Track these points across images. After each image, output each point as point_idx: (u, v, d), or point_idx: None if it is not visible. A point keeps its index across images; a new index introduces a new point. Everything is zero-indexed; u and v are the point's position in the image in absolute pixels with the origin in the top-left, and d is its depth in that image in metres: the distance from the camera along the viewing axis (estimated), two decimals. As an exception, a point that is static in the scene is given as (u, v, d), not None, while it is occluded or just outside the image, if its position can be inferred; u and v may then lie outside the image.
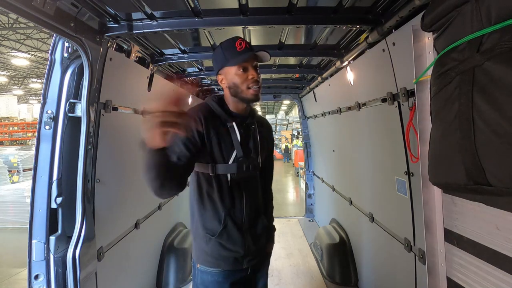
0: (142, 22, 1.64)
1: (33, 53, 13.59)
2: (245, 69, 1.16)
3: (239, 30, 1.77)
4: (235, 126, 1.20)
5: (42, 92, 1.47)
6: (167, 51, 2.24)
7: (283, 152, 18.23)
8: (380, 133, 1.99)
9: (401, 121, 1.58)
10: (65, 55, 1.47)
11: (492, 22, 0.76)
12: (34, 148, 1.48)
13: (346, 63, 2.23)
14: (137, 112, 2.13)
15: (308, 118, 4.33)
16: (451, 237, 1.10)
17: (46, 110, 1.45)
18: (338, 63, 2.30)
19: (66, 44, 1.46)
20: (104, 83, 1.60)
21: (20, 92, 21.16)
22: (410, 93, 1.46)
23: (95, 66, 1.50)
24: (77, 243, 1.44)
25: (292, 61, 2.81)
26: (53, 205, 1.44)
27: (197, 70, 2.87)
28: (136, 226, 2.16)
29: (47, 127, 1.44)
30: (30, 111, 17.94)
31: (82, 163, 1.46)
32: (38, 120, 1.45)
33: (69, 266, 1.42)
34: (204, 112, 1.17)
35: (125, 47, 1.91)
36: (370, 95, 1.99)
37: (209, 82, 3.54)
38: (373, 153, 2.14)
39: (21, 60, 13.78)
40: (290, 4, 1.52)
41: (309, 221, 4.44)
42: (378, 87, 1.83)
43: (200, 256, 1.23)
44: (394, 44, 1.51)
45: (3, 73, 16.42)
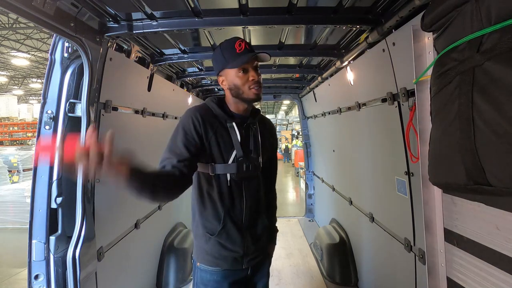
0: (142, 22, 1.64)
1: (33, 53, 13.59)
2: (245, 70, 1.15)
3: (239, 30, 1.77)
4: (235, 126, 1.19)
5: (42, 92, 1.47)
6: (167, 51, 2.24)
7: (283, 152, 18.24)
8: (380, 133, 1.99)
9: (401, 121, 1.58)
10: (65, 55, 1.47)
11: (492, 22, 0.76)
12: (34, 148, 1.48)
13: (346, 63, 2.23)
14: (137, 112, 2.13)
15: (308, 118, 4.33)
16: (451, 237, 1.10)
17: (46, 110, 1.45)
18: (338, 63, 2.30)
19: (66, 44, 1.46)
20: (104, 83, 1.60)
21: (20, 92, 21.17)
22: (410, 93, 1.46)
23: (95, 66, 1.50)
24: (77, 243, 1.44)
25: (292, 61, 2.81)
26: (53, 205, 1.44)
27: (197, 70, 2.88)
28: (136, 226, 2.16)
29: (47, 127, 1.44)
30: (30, 111, 17.95)
31: None
32: (38, 120, 1.45)
33: (69, 266, 1.41)
34: (202, 112, 1.17)
35: (125, 47, 1.91)
36: (370, 95, 1.99)
37: (209, 82, 3.55)
38: (373, 153, 2.14)
39: (21, 60, 13.78)
40: (290, 4, 1.52)
41: (309, 221, 4.45)
42: (378, 87, 1.83)
43: (200, 254, 1.24)
44: (394, 44, 1.51)
45: (3, 73, 16.42)
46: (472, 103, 0.81)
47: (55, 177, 1.45)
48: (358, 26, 1.68)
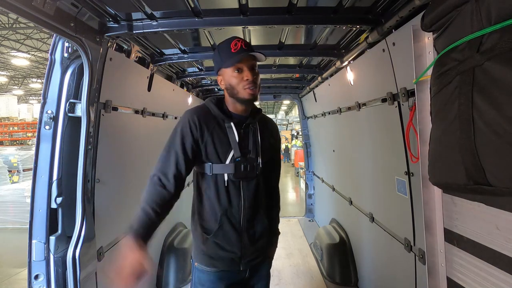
0: (142, 22, 1.64)
1: (33, 53, 13.59)
2: (240, 70, 1.14)
3: (239, 30, 1.77)
4: (233, 126, 1.19)
5: (42, 92, 1.47)
6: (167, 51, 2.24)
7: (283, 152, 18.25)
8: (380, 133, 1.99)
9: (401, 121, 1.57)
10: (65, 55, 1.47)
11: (492, 22, 0.76)
12: (34, 148, 1.48)
13: (346, 63, 2.23)
14: (137, 112, 2.12)
15: (308, 118, 4.33)
16: (451, 237, 1.10)
17: (46, 110, 1.45)
18: (338, 63, 2.30)
19: (66, 44, 1.46)
20: (104, 83, 1.60)
21: (20, 92, 21.17)
22: (410, 93, 1.45)
23: (95, 66, 1.50)
24: (77, 243, 1.44)
25: (292, 61, 2.81)
26: (53, 205, 1.44)
27: (197, 70, 2.87)
28: None
29: (47, 127, 1.44)
30: (30, 111, 17.94)
31: (82, 163, 1.46)
32: (38, 120, 1.45)
33: (69, 266, 1.42)
34: (199, 114, 1.17)
35: (125, 47, 1.91)
36: (370, 95, 1.98)
37: (209, 82, 3.55)
38: (373, 153, 2.14)
39: (21, 60, 13.79)
40: (290, 4, 1.52)
41: (309, 221, 4.45)
42: (378, 87, 1.82)
43: (198, 254, 1.23)
44: (394, 44, 1.51)
45: (3, 73, 16.42)
46: (472, 103, 0.81)
47: (55, 177, 1.45)
48: (358, 26, 1.68)
